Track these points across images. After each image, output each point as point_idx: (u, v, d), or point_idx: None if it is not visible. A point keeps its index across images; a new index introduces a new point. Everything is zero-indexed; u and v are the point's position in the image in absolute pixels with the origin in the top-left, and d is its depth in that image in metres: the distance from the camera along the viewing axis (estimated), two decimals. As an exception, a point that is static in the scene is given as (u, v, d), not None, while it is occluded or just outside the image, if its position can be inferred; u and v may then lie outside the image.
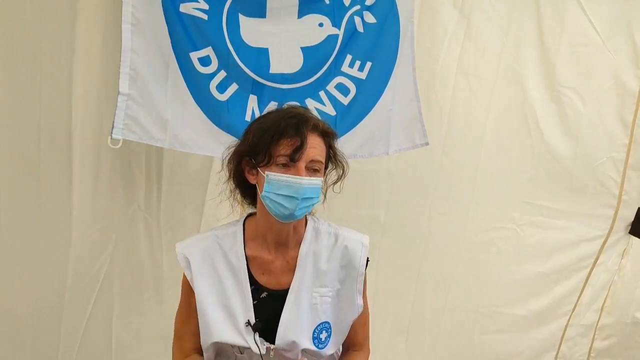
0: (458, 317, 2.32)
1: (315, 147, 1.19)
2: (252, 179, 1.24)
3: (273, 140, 1.16)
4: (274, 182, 1.17)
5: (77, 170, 1.78)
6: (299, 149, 1.16)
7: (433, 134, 2.01)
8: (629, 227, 2.29)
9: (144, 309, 2.02)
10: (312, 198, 1.20)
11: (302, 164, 1.17)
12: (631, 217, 2.27)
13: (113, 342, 2.01)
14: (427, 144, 1.93)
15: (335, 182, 1.32)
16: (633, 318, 2.33)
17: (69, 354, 1.96)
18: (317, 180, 1.20)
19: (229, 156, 1.28)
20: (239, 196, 1.33)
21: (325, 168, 1.28)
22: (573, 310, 2.36)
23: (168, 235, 1.97)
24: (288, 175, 1.16)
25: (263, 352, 1.26)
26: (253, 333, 1.25)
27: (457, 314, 2.31)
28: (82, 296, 1.92)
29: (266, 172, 1.18)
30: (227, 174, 1.30)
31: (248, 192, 1.30)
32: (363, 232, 1.37)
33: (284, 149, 1.16)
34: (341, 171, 1.31)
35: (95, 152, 1.78)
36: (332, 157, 1.28)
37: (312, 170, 1.20)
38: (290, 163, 1.16)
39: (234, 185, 1.31)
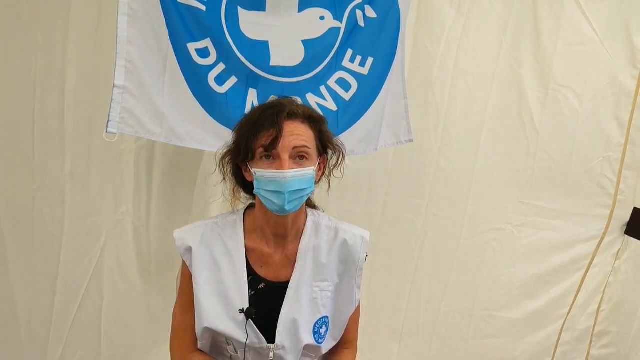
0: (452, 320, 2.29)
1: (296, 134, 1.16)
2: (248, 177, 1.23)
3: (251, 134, 1.15)
4: (261, 178, 1.16)
5: (69, 163, 1.74)
6: (276, 139, 1.13)
7: (429, 133, 1.99)
8: (624, 228, 2.29)
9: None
10: (302, 189, 1.17)
11: (284, 155, 1.14)
12: (627, 217, 2.27)
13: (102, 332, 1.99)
14: (411, 140, 1.93)
15: (335, 167, 1.30)
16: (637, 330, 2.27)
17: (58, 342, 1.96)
18: (304, 171, 1.17)
19: (222, 157, 1.27)
20: (239, 193, 1.31)
21: (321, 154, 1.25)
22: (568, 313, 2.34)
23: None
24: (271, 170, 1.15)
25: (250, 341, 1.22)
26: (245, 320, 1.21)
27: (451, 316, 2.29)
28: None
29: (254, 169, 1.16)
30: (222, 175, 1.28)
31: (249, 188, 1.28)
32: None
33: (262, 142, 1.14)
34: (339, 154, 1.29)
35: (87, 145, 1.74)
36: (324, 141, 1.25)
37: (298, 158, 1.17)
38: (271, 154, 1.15)
39: (234, 184, 1.29)
